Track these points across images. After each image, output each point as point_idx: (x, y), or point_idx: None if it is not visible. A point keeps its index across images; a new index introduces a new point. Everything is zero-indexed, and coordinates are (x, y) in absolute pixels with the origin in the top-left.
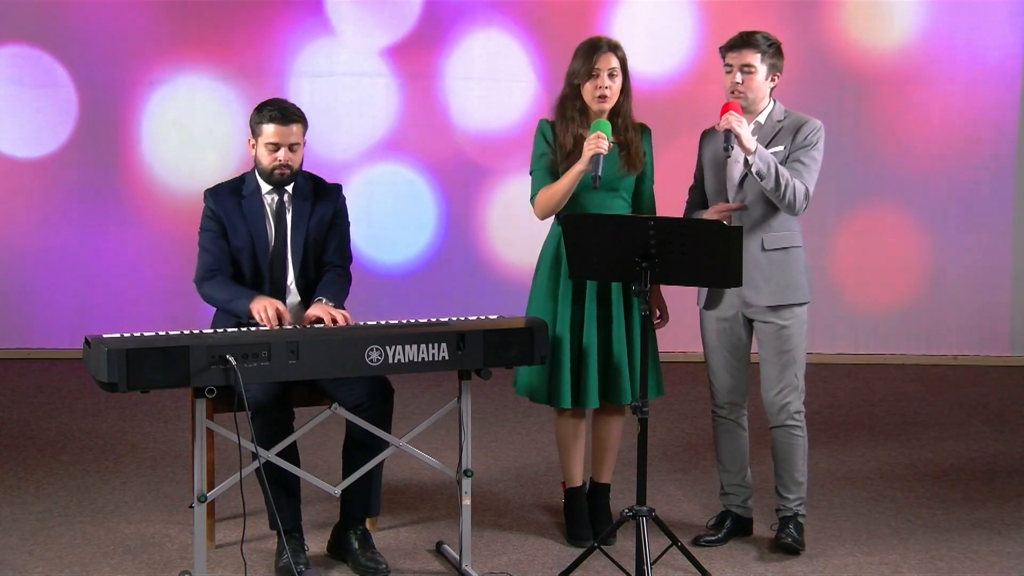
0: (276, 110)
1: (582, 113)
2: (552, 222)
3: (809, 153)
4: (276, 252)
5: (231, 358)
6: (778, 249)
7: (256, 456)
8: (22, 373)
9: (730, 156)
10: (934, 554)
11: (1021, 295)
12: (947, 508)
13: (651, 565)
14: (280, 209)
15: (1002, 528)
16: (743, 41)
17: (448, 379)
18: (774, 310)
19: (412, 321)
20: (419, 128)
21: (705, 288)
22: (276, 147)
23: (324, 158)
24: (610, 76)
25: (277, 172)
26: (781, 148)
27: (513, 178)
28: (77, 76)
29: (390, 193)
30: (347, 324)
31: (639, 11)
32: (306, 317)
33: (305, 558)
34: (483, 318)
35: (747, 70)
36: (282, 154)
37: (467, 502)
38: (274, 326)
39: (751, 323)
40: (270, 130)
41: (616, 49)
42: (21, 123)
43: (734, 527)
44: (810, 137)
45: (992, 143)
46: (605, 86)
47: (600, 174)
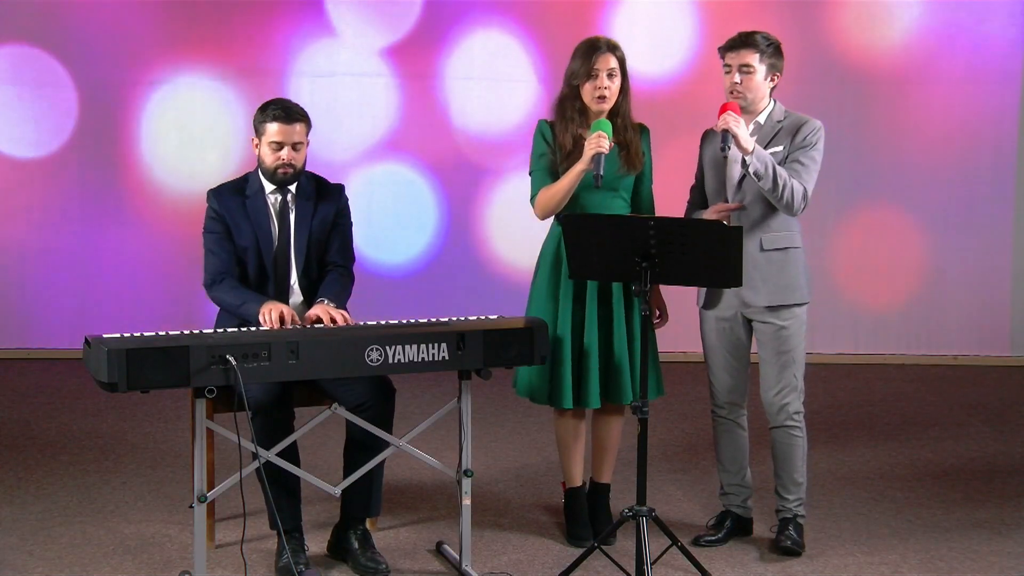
0: (280, 109)
1: (581, 113)
2: (551, 222)
3: (808, 153)
4: (280, 252)
5: (231, 358)
6: (777, 249)
7: (256, 456)
8: (22, 373)
9: (727, 156)
10: (934, 554)
11: (1021, 295)
12: (947, 508)
13: (651, 565)
14: (284, 209)
15: (1002, 528)
16: (741, 41)
17: (448, 379)
18: (772, 310)
19: (412, 321)
20: (419, 128)
21: (704, 288)
22: (279, 146)
23: (324, 158)
24: (609, 76)
25: (280, 171)
26: (780, 148)
27: (513, 178)
28: (77, 76)
29: (390, 193)
30: (346, 324)
31: (639, 11)
32: (307, 317)
33: (305, 558)
34: (483, 318)
35: (746, 70)
36: (285, 153)
37: (467, 502)
38: (275, 328)
39: (750, 323)
40: (273, 129)
41: (615, 49)
42: (21, 123)
43: (734, 527)
44: (809, 137)
45: (992, 143)
46: (604, 86)
47: (602, 173)
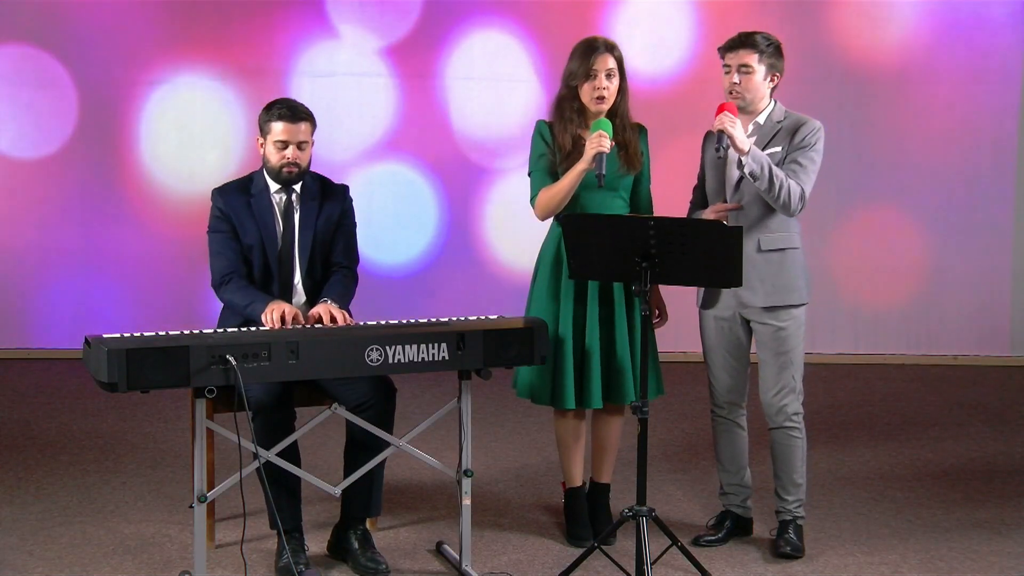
0: (285, 108)
1: (580, 114)
2: (551, 223)
3: (807, 154)
4: (284, 251)
5: (231, 358)
6: (774, 250)
7: (256, 456)
8: (22, 373)
9: (721, 157)
10: (934, 554)
11: (1021, 295)
12: (947, 508)
13: (651, 565)
14: (288, 208)
15: (1002, 528)
16: (741, 41)
17: (448, 379)
18: (770, 311)
19: (412, 321)
20: (419, 128)
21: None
22: (284, 145)
23: (324, 158)
24: (607, 77)
25: (285, 170)
26: (778, 149)
27: (513, 178)
28: (77, 76)
29: (390, 193)
30: (346, 324)
31: (639, 11)
32: (308, 316)
33: (305, 558)
34: (483, 318)
35: (744, 70)
36: (290, 152)
37: (467, 502)
38: (276, 327)
39: (749, 324)
40: (279, 128)
41: (613, 49)
42: (21, 123)
43: (734, 527)
44: (808, 138)
45: (992, 143)
46: (603, 87)
47: (604, 172)
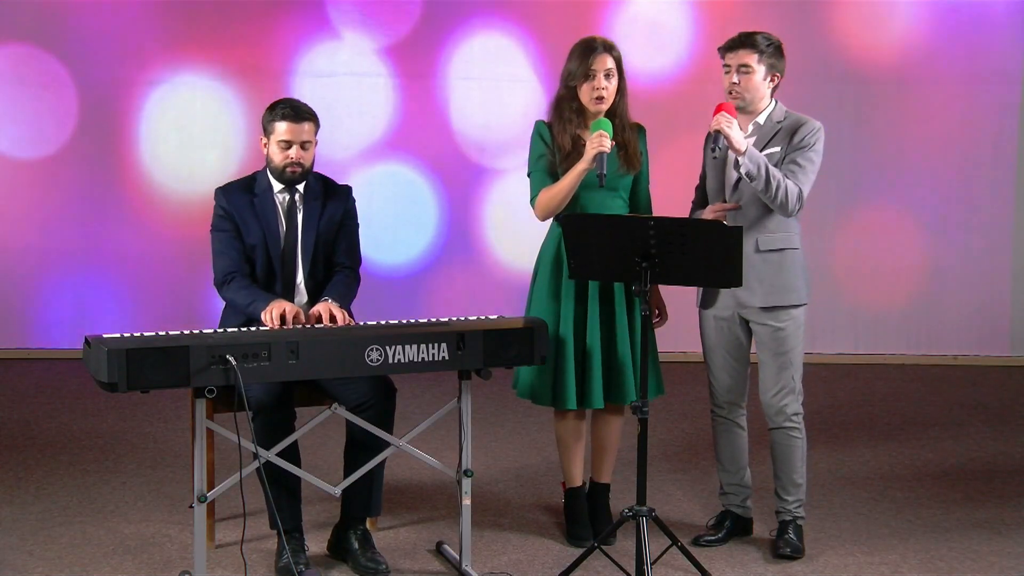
0: (288, 108)
1: (579, 114)
2: (551, 223)
3: (805, 154)
4: (287, 251)
5: (231, 358)
6: (773, 251)
7: (256, 456)
8: (22, 373)
9: (716, 157)
10: (934, 554)
11: (1021, 295)
12: (947, 508)
13: (651, 565)
14: (291, 208)
15: (1002, 528)
16: (741, 41)
17: (448, 379)
18: (769, 312)
19: (412, 321)
20: (419, 128)
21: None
22: (288, 144)
23: (324, 158)
24: (606, 77)
25: (289, 170)
26: (777, 149)
27: (513, 178)
28: (77, 76)
29: (390, 193)
30: (345, 323)
31: (639, 11)
32: (310, 315)
33: (305, 558)
34: (483, 318)
35: (744, 70)
36: (294, 152)
37: (467, 502)
38: (276, 327)
39: (749, 324)
40: (282, 128)
41: (611, 49)
42: (21, 123)
43: (734, 527)
44: (807, 138)
45: (992, 143)
46: (602, 87)
47: (605, 172)
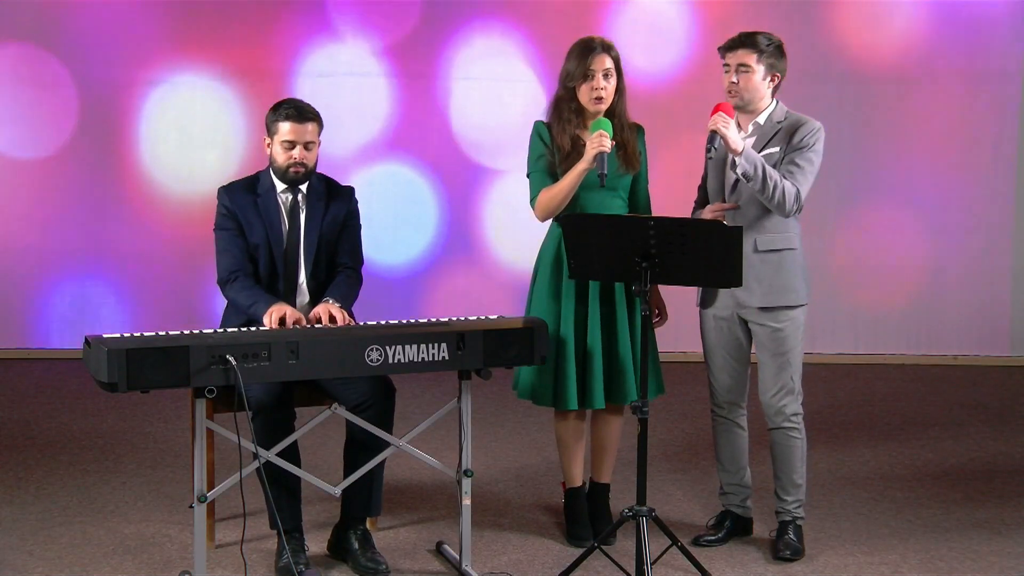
0: (292, 108)
1: (578, 114)
2: (550, 223)
3: (804, 155)
4: (289, 251)
5: (231, 358)
6: (772, 251)
7: (256, 456)
8: (22, 373)
9: (711, 157)
10: (934, 554)
11: (1021, 295)
12: (947, 508)
13: (651, 565)
14: (294, 208)
15: (1002, 528)
16: (740, 41)
17: (448, 379)
18: (767, 312)
19: (412, 321)
20: (419, 128)
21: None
22: (291, 145)
23: (325, 158)
24: (605, 77)
25: (292, 170)
26: (777, 149)
27: (513, 178)
28: (77, 76)
29: (390, 193)
30: (345, 323)
31: (639, 11)
32: (311, 316)
33: (305, 558)
34: (483, 318)
35: (743, 70)
36: (297, 152)
37: (467, 502)
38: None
39: (748, 324)
40: (286, 128)
41: (609, 49)
42: (21, 123)
43: (734, 527)
44: (807, 139)
45: (992, 143)
46: (601, 87)
47: (606, 171)
